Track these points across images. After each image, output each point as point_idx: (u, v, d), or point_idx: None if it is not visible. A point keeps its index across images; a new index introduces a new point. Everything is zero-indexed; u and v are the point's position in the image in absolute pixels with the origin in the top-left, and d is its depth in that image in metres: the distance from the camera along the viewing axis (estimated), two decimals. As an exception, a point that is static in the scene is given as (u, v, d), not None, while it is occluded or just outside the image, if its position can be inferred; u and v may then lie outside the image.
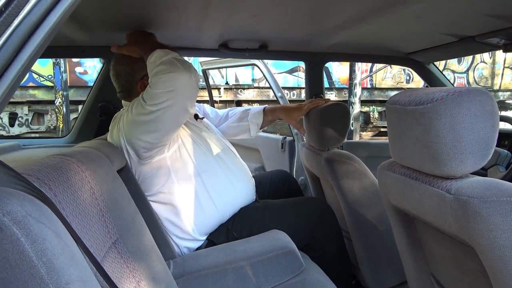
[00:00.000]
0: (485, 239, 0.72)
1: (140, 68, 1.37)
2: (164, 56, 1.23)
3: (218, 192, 1.42)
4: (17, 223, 0.48)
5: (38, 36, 0.47)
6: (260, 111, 1.80)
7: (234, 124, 1.82)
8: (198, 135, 1.47)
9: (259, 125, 1.80)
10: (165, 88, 1.18)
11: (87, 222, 0.81)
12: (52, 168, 0.76)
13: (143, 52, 1.32)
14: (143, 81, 1.38)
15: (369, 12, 1.28)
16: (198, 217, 1.40)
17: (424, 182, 0.88)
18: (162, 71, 1.19)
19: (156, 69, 1.20)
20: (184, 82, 1.20)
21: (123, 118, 1.29)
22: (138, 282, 0.93)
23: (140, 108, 1.22)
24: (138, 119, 1.23)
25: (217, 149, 1.49)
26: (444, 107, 0.77)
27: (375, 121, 9.77)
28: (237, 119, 1.82)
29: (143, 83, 1.37)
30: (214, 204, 1.41)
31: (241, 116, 1.81)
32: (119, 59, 1.40)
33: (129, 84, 1.40)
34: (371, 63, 8.36)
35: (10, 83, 0.45)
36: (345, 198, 1.51)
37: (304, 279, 1.22)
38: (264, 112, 1.80)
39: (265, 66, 2.40)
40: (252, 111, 1.80)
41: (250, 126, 1.79)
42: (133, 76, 1.38)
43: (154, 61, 1.24)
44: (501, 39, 1.48)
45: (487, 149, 0.78)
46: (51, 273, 0.49)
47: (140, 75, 1.38)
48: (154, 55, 1.25)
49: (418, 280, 1.13)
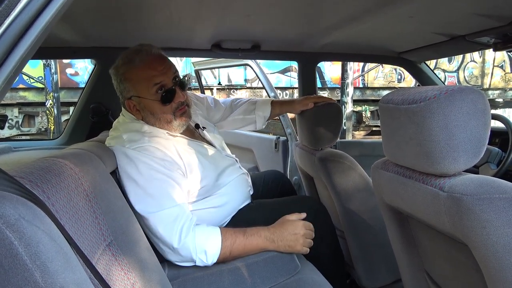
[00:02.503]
0: (478, 236, 0.73)
1: (126, 89, 1.32)
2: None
3: (218, 203, 1.40)
4: (10, 226, 0.47)
5: (30, 36, 0.46)
6: (267, 103, 1.75)
7: (240, 117, 1.77)
8: (202, 157, 1.40)
9: (266, 118, 1.76)
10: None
11: (81, 224, 0.80)
12: (45, 170, 0.75)
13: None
14: (129, 101, 1.33)
15: (362, 12, 1.29)
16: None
17: (417, 180, 0.89)
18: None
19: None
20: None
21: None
22: (132, 284, 0.92)
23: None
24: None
25: (218, 165, 1.44)
26: (437, 106, 0.78)
27: (368, 120, 9.83)
28: (243, 111, 1.77)
29: (131, 104, 1.33)
30: (214, 213, 1.39)
31: (247, 108, 1.76)
32: (114, 70, 1.34)
33: (122, 97, 1.37)
34: (363, 62, 8.41)
35: (1, 84, 0.45)
36: (339, 197, 1.52)
37: (299, 279, 1.22)
38: (272, 105, 1.75)
39: (258, 66, 2.41)
40: (260, 104, 1.75)
41: (257, 119, 1.75)
42: (122, 93, 1.34)
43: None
44: (491, 38, 1.50)
45: (479, 147, 0.79)
46: (45, 277, 0.48)
47: (128, 95, 1.33)
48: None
49: (412, 277, 1.14)
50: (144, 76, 1.28)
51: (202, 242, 1.20)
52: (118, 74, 1.32)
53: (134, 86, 1.30)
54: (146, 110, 1.32)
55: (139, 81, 1.29)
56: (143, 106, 1.32)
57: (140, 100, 1.31)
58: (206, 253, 1.20)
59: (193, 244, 1.19)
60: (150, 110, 1.32)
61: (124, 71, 1.30)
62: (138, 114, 1.34)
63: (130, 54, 1.30)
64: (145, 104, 1.31)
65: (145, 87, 1.29)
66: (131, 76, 1.29)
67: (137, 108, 1.33)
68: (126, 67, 1.30)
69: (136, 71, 1.28)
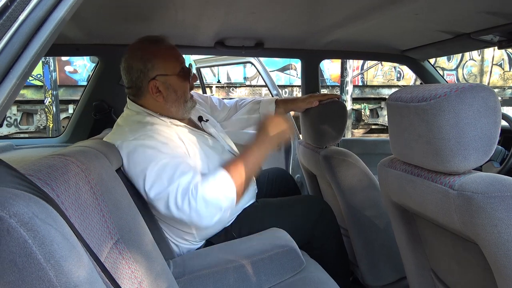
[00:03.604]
0: (489, 234, 0.72)
1: (154, 67, 1.31)
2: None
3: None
4: (24, 225, 0.46)
5: (44, 32, 0.46)
6: (272, 102, 1.74)
7: (244, 117, 1.76)
8: (205, 145, 1.40)
9: None
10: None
11: (89, 223, 0.80)
12: (53, 168, 0.75)
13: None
14: (154, 81, 1.31)
15: (367, 10, 1.28)
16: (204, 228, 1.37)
17: (426, 178, 0.88)
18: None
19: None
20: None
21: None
22: (140, 282, 0.92)
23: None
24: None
25: (222, 157, 1.43)
26: (447, 104, 0.77)
27: (367, 118, 9.84)
28: (247, 111, 1.76)
29: (154, 84, 1.32)
30: (220, 218, 1.39)
31: (252, 108, 1.76)
32: (133, 53, 1.33)
33: (139, 82, 1.33)
34: (366, 60, 8.40)
35: (16, 80, 0.44)
36: (344, 195, 1.51)
37: (305, 277, 1.22)
38: (276, 103, 1.75)
39: (260, 63, 2.40)
40: (264, 103, 1.75)
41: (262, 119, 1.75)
42: (146, 73, 1.31)
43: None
44: (496, 36, 1.50)
45: (490, 145, 0.78)
46: (60, 276, 0.47)
47: (153, 75, 1.31)
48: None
49: (418, 275, 1.14)
50: (171, 54, 1.36)
51: (216, 192, 1.19)
52: (146, 53, 1.32)
53: (164, 63, 1.33)
54: (171, 88, 1.35)
55: (168, 58, 1.34)
56: (168, 85, 1.35)
57: (166, 79, 1.34)
58: (227, 198, 1.20)
59: (211, 196, 1.17)
60: (175, 87, 1.36)
61: (151, 50, 1.33)
62: (159, 96, 1.34)
63: (154, 37, 1.36)
64: (171, 82, 1.35)
65: (172, 65, 1.35)
66: (160, 54, 1.33)
67: (159, 89, 1.33)
68: (153, 47, 1.33)
69: (165, 50, 1.35)
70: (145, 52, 1.32)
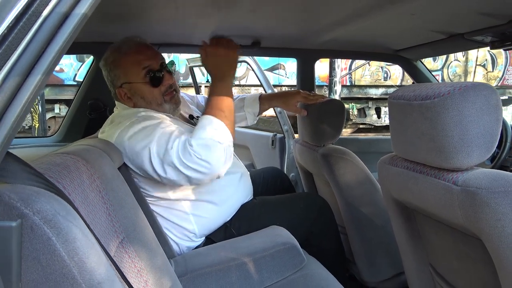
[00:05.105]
0: (493, 228, 0.75)
1: (117, 76, 1.35)
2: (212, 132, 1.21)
3: (222, 197, 1.41)
4: (48, 222, 0.46)
5: (68, 27, 0.45)
6: (256, 99, 1.76)
7: None
8: None
9: (256, 114, 1.78)
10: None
11: (97, 221, 0.79)
12: (61, 166, 0.74)
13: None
14: (120, 89, 1.35)
15: (365, 9, 1.30)
16: (202, 222, 1.38)
17: (429, 175, 0.90)
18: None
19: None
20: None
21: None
22: (146, 281, 0.91)
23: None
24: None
25: None
26: (451, 102, 0.79)
27: (354, 118, 9.93)
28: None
29: (123, 91, 1.35)
30: (219, 208, 1.40)
31: (237, 105, 1.75)
32: (104, 61, 1.38)
33: (112, 88, 1.39)
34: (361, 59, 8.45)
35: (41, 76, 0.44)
36: (342, 193, 1.53)
37: (306, 274, 1.23)
38: (260, 100, 1.77)
39: (255, 63, 2.40)
40: (248, 100, 1.77)
41: (247, 116, 1.76)
42: (112, 82, 1.37)
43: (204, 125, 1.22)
44: (488, 37, 1.53)
45: (491, 142, 0.81)
46: (83, 273, 0.47)
47: (118, 83, 1.35)
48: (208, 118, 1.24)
49: (417, 271, 1.16)
50: (132, 61, 1.33)
51: (206, 132, 1.20)
52: (108, 63, 1.35)
53: (124, 72, 1.33)
54: (137, 95, 1.35)
55: (128, 66, 1.33)
56: (133, 92, 1.35)
57: (130, 86, 1.34)
58: (218, 131, 1.21)
59: (204, 137, 1.19)
60: (141, 94, 1.35)
61: (113, 59, 1.34)
62: (129, 102, 1.37)
63: (117, 44, 1.36)
64: (136, 88, 1.34)
65: (134, 72, 1.33)
66: (120, 63, 1.34)
67: (128, 96, 1.36)
68: (115, 55, 1.34)
69: (124, 57, 1.33)
70: (109, 60, 1.36)
